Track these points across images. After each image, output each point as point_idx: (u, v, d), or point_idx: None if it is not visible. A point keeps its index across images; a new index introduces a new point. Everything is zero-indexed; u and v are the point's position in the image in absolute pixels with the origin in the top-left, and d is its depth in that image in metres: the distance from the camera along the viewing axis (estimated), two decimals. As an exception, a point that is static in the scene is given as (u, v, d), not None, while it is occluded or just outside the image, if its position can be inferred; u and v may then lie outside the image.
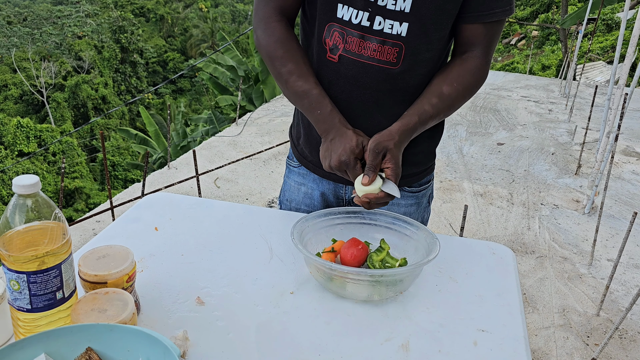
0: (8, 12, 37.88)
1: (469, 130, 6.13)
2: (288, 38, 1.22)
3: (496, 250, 1.27)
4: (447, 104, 1.20)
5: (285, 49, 1.21)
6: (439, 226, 3.82)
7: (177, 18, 43.12)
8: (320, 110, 1.18)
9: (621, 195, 4.47)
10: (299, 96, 1.19)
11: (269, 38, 1.22)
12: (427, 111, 1.18)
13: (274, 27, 1.23)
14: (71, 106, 27.86)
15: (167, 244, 1.22)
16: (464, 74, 1.21)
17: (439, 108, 1.19)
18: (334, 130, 1.15)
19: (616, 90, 3.74)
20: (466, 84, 1.21)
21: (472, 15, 1.18)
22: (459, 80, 1.21)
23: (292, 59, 1.20)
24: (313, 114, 1.19)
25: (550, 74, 15.89)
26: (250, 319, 0.98)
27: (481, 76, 1.24)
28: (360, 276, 1.01)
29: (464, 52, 1.24)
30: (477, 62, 1.23)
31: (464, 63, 1.23)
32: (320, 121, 1.18)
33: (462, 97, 1.22)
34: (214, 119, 10.52)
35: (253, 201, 4.19)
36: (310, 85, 1.19)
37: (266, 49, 1.23)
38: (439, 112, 1.19)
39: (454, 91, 1.20)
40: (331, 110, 1.18)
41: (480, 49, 1.23)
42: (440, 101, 1.19)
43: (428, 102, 1.19)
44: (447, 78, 1.21)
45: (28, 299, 0.83)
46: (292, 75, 1.19)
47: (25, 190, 0.80)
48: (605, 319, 2.83)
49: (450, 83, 1.20)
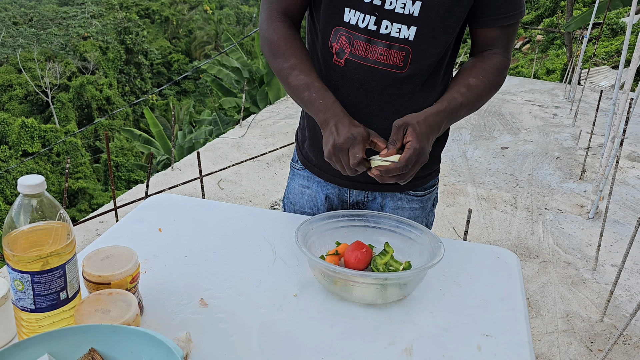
0: (14, 12, 38.06)
1: (473, 134, 6.12)
2: (291, 35, 1.23)
3: (500, 254, 1.27)
4: (476, 94, 1.19)
5: (288, 45, 1.21)
6: (442, 230, 3.81)
7: (182, 20, 43.25)
8: (323, 100, 1.15)
9: (626, 200, 4.45)
10: (301, 89, 1.17)
11: (272, 35, 1.23)
12: (456, 99, 1.17)
13: (277, 25, 1.23)
14: (75, 107, 27.95)
15: (171, 245, 1.22)
16: (488, 68, 1.22)
17: (468, 97, 1.18)
18: (336, 118, 1.12)
19: (621, 95, 3.73)
20: (491, 78, 1.22)
21: (490, 20, 1.19)
22: (484, 74, 1.21)
23: (294, 55, 1.20)
24: (314, 104, 1.16)
25: (554, 78, 15.86)
26: (254, 321, 0.98)
27: (503, 72, 1.25)
28: (364, 279, 1.01)
29: (484, 52, 1.25)
30: (499, 59, 1.24)
31: (486, 59, 1.24)
32: (322, 111, 1.14)
33: (489, 90, 1.22)
34: (218, 120, 10.54)
35: (256, 203, 4.19)
36: (312, 78, 1.18)
37: (269, 46, 1.23)
38: (468, 102, 1.18)
39: (480, 83, 1.20)
40: (334, 102, 1.16)
41: (499, 48, 1.24)
42: (468, 91, 1.18)
43: (457, 92, 1.18)
44: (472, 72, 1.22)
45: (32, 299, 0.83)
46: (294, 70, 1.19)
47: (31, 190, 0.80)
48: (609, 324, 2.81)
49: (476, 76, 1.20)
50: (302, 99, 1.19)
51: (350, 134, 1.08)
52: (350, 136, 1.08)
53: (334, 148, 1.10)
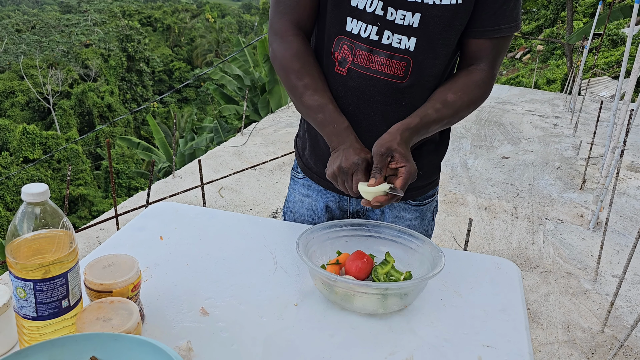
0: (17, 19, 38.26)
1: (473, 144, 6.13)
2: (305, 52, 1.22)
3: (501, 265, 1.27)
4: (451, 111, 1.19)
5: (302, 63, 1.21)
6: (442, 239, 3.81)
7: (184, 28, 43.45)
8: (337, 125, 1.17)
9: (626, 211, 4.45)
10: (314, 110, 1.19)
11: (285, 52, 1.22)
12: (429, 114, 1.16)
13: (290, 41, 1.22)
14: (77, 114, 28.03)
15: (172, 254, 1.22)
16: (469, 84, 1.21)
17: (442, 113, 1.18)
18: (347, 143, 1.15)
19: (622, 105, 3.75)
20: (471, 95, 1.21)
21: (479, 31, 1.19)
22: (464, 90, 1.20)
23: (308, 74, 1.20)
24: (327, 127, 1.18)
25: (555, 88, 15.90)
26: (254, 331, 0.98)
27: (486, 89, 1.24)
28: (365, 289, 1.01)
29: (470, 65, 1.24)
30: (483, 75, 1.23)
31: (469, 75, 1.23)
32: (335, 135, 1.17)
33: (467, 107, 1.21)
34: (219, 128, 10.56)
35: (257, 211, 4.19)
36: (326, 100, 1.19)
37: (282, 62, 1.23)
38: (442, 118, 1.18)
39: (458, 99, 1.19)
40: (347, 127, 1.17)
41: (486, 63, 1.23)
42: (443, 107, 1.18)
43: (431, 107, 1.18)
44: (452, 87, 1.21)
45: (34, 307, 0.83)
46: (308, 90, 1.19)
47: (34, 198, 0.80)
48: (609, 335, 2.81)
49: (455, 92, 1.20)
50: (315, 120, 1.20)
51: (357, 159, 1.10)
52: (356, 162, 1.10)
53: (339, 170, 1.12)
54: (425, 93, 1.24)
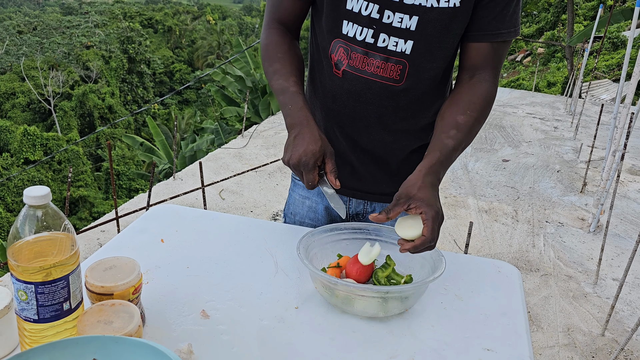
0: (18, 21, 38.31)
1: (474, 147, 6.13)
2: (281, 41, 1.27)
3: (502, 268, 1.27)
4: (466, 132, 1.15)
5: (276, 50, 1.25)
6: (443, 242, 3.81)
7: (185, 30, 43.50)
8: (292, 105, 1.17)
9: (627, 214, 4.45)
10: (278, 92, 1.21)
11: (265, 40, 1.29)
12: (447, 144, 1.13)
13: (270, 32, 1.28)
14: (78, 115, 28.06)
15: (173, 256, 1.22)
16: (475, 100, 1.19)
17: (459, 139, 1.14)
18: (298, 127, 1.14)
19: (622, 108, 3.75)
20: (480, 110, 1.18)
21: (478, 34, 1.19)
22: (472, 107, 1.17)
23: (279, 60, 1.24)
24: (285, 108, 1.19)
25: (555, 91, 15.90)
26: (255, 333, 0.98)
27: (491, 98, 1.22)
28: (366, 292, 1.01)
29: (472, 77, 1.22)
30: (487, 86, 1.20)
31: (473, 89, 1.20)
32: (289, 115, 1.17)
33: (478, 122, 1.19)
34: (220, 130, 10.56)
35: (258, 214, 4.20)
36: (289, 83, 1.21)
37: (262, 51, 1.29)
38: (460, 143, 1.15)
39: (470, 119, 1.16)
40: (302, 107, 1.17)
41: (487, 71, 1.21)
42: (458, 132, 1.14)
43: (447, 136, 1.14)
44: (459, 107, 1.18)
45: (35, 310, 0.83)
46: (276, 74, 1.23)
47: (36, 201, 0.80)
48: (610, 339, 2.80)
49: (463, 112, 1.17)
50: (279, 102, 1.22)
51: (302, 158, 1.09)
52: (303, 160, 1.09)
53: (288, 163, 1.13)
54: (422, 96, 1.24)
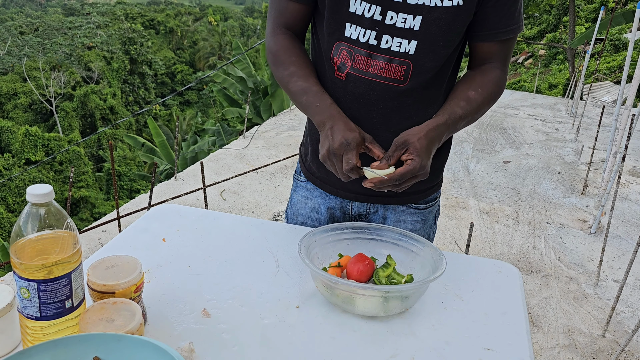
0: (20, 22, 38.38)
1: (475, 148, 6.13)
2: (290, 46, 1.27)
3: (502, 268, 1.27)
4: (474, 107, 1.22)
5: (288, 54, 1.26)
6: (444, 243, 3.81)
7: (187, 31, 43.54)
8: (320, 103, 1.19)
9: (628, 215, 4.45)
10: (299, 94, 1.21)
11: (275, 46, 1.28)
12: (456, 112, 1.20)
13: (278, 37, 1.28)
14: (79, 116, 28.09)
15: (174, 256, 1.22)
16: (487, 82, 1.25)
17: (467, 110, 1.21)
18: (331, 121, 1.15)
19: (623, 110, 3.75)
20: (490, 91, 1.25)
21: (490, 34, 1.22)
22: (482, 87, 1.24)
23: (293, 63, 1.24)
24: (312, 107, 1.19)
25: (557, 92, 15.90)
26: (256, 332, 0.99)
27: (501, 85, 1.28)
28: (367, 292, 1.01)
29: (482, 65, 1.28)
30: (497, 72, 1.27)
31: (484, 73, 1.26)
32: (319, 113, 1.18)
33: (487, 103, 1.25)
34: (221, 131, 10.57)
35: (259, 214, 4.20)
36: (310, 83, 1.22)
37: (272, 56, 1.28)
38: (467, 115, 1.21)
39: (479, 96, 1.23)
40: (331, 103, 1.19)
41: (498, 62, 1.27)
42: (468, 104, 1.21)
43: (456, 104, 1.21)
44: (471, 85, 1.25)
45: (37, 307, 0.84)
46: (293, 77, 1.23)
47: (39, 199, 0.81)
48: (611, 340, 2.80)
49: (475, 89, 1.23)
50: (301, 104, 1.22)
51: (344, 140, 1.11)
52: (345, 142, 1.11)
53: (328, 152, 1.13)
54: (425, 96, 1.25)
